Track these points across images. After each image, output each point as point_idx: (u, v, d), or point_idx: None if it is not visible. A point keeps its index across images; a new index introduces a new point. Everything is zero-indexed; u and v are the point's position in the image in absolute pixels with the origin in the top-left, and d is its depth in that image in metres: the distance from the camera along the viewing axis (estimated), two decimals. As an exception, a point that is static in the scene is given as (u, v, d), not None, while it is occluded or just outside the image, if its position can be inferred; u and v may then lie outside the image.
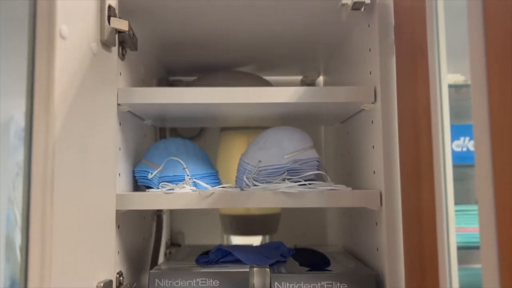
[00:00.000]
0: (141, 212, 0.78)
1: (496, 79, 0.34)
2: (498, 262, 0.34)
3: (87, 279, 0.51)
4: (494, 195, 0.34)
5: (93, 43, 0.54)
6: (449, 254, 0.45)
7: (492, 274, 0.34)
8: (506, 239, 0.33)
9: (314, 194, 0.61)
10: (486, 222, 0.35)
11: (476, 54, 0.35)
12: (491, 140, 0.34)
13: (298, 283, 0.60)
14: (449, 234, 0.45)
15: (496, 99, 0.34)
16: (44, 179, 0.44)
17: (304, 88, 0.64)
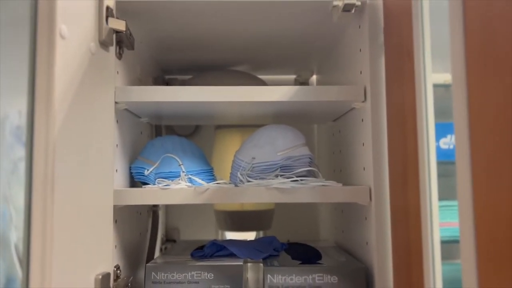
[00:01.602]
0: (137, 208, 0.79)
1: (475, 79, 0.36)
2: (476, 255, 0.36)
3: (86, 272, 0.53)
4: (472, 190, 0.36)
5: (91, 42, 0.56)
6: (433, 249, 0.47)
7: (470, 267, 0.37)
8: (483, 233, 0.35)
9: (305, 189, 0.63)
10: (465, 217, 0.37)
11: (456, 54, 0.38)
12: (469, 137, 0.36)
13: (290, 276, 0.62)
14: (433, 229, 0.47)
15: (475, 98, 0.36)
16: (45, 175, 0.46)
17: (296, 87, 0.66)
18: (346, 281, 0.62)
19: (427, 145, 0.46)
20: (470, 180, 0.36)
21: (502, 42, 0.32)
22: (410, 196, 0.52)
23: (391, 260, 0.60)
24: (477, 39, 0.36)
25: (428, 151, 0.46)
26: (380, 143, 0.62)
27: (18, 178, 0.49)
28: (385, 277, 0.61)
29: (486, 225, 0.35)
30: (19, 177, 0.48)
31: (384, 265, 0.61)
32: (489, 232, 0.35)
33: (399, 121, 0.56)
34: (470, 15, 0.37)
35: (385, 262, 0.61)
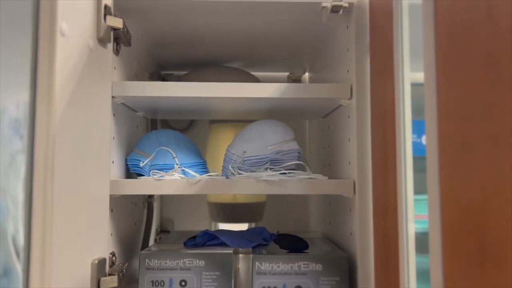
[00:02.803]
0: (132, 199, 0.82)
1: (444, 78, 0.39)
2: (442, 247, 0.39)
3: (83, 256, 0.56)
4: (439, 184, 0.39)
5: (90, 39, 0.59)
6: (407, 239, 0.50)
7: (436, 258, 0.40)
8: (449, 225, 0.38)
9: (293, 182, 0.66)
10: (433, 210, 0.40)
11: (428, 55, 0.41)
12: (438, 133, 0.39)
13: (277, 263, 0.65)
14: (407, 221, 0.50)
15: (443, 95, 0.39)
16: (46, 164, 0.49)
17: (286, 84, 0.69)
18: (330, 269, 0.65)
19: (403, 140, 0.49)
20: (438, 174, 0.39)
21: (466, 43, 0.35)
22: (389, 189, 0.56)
23: (373, 249, 0.63)
24: (446, 41, 0.39)
25: (404, 146, 0.49)
26: (364, 139, 0.65)
27: (15, 171, 0.51)
28: (367, 266, 0.64)
29: (451, 217, 0.38)
30: (16, 170, 0.50)
31: (366, 254, 0.64)
32: (453, 225, 0.38)
33: (381, 117, 0.59)
34: (440, 18, 0.40)
35: (367, 251, 0.64)
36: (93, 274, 0.56)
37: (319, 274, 0.65)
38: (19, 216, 0.49)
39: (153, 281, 0.66)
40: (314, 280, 0.65)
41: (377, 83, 0.62)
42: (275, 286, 0.65)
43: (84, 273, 0.55)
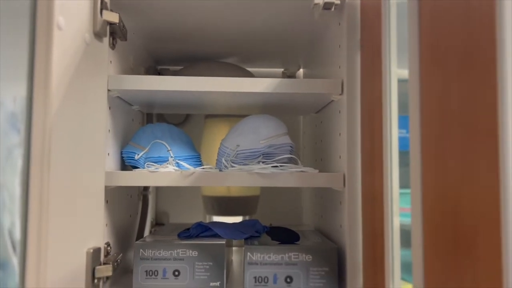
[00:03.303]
0: (127, 191, 0.84)
1: (426, 74, 0.41)
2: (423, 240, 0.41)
3: (78, 245, 0.57)
4: (421, 178, 0.41)
5: (86, 33, 0.60)
6: (392, 232, 0.52)
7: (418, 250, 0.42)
8: (429, 218, 0.40)
9: (284, 175, 0.68)
10: (415, 203, 0.42)
11: (412, 53, 0.42)
12: (420, 128, 0.41)
13: (268, 254, 0.67)
14: (392, 213, 0.52)
15: (425, 92, 0.41)
16: (42, 156, 0.50)
17: (278, 79, 0.71)
18: (320, 259, 0.67)
19: (389, 135, 0.51)
20: (420, 167, 0.41)
21: (446, 42, 0.37)
22: (376, 183, 0.57)
23: (361, 241, 0.65)
24: (429, 39, 0.41)
25: (390, 141, 0.51)
26: (354, 133, 0.67)
27: (12, 165, 0.52)
28: (355, 257, 0.66)
29: (431, 208, 0.40)
30: (13, 164, 0.51)
31: (355, 245, 0.66)
32: (433, 215, 0.40)
33: (370, 113, 0.61)
34: (424, 17, 0.41)
35: (356, 243, 0.66)
36: (88, 263, 0.58)
37: (309, 264, 0.67)
38: (16, 210, 0.50)
39: (147, 271, 0.68)
40: (304, 270, 0.66)
41: (366, 79, 0.64)
42: (266, 276, 0.66)
43: (79, 262, 0.57)
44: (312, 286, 0.66)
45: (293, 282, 0.66)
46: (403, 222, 0.54)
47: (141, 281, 0.67)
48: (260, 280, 0.66)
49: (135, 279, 0.67)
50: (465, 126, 0.33)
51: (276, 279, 0.66)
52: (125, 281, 0.73)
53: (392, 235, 0.52)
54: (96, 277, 0.60)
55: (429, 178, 0.40)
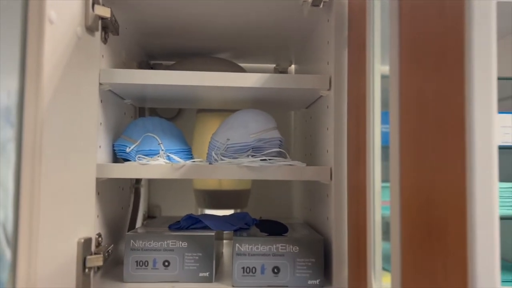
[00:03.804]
0: (119, 183, 0.85)
1: (406, 71, 0.42)
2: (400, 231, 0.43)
3: (69, 236, 0.58)
4: (400, 171, 0.43)
5: (78, 27, 0.61)
6: (374, 223, 0.54)
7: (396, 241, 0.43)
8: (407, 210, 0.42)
9: (273, 168, 0.69)
10: (394, 196, 0.43)
11: (393, 50, 0.44)
12: (399, 123, 0.42)
13: (256, 245, 0.69)
14: (374, 206, 0.53)
15: (405, 88, 0.42)
16: (34, 148, 0.51)
17: (268, 74, 0.72)
18: (306, 251, 0.68)
19: (372, 130, 0.52)
20: (399, 160, 0.43)
21: (423, 40, 0.38)
22: (361, 176, 0.59)
23: (347, 232, 0.67)
24: (408, 37, 0.42)
25: (373, 135, 0.52)
26: (341, 128, 0.69)
27: (5, 159, 0.52)
28: (341, 248, 0.68)
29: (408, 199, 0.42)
30: (6, 158, 0.52)
31: (340, 237, 0.68)
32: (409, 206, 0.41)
33: (356, 108, 0.63)
34: (404, 16, 0.43)
35: (341, 234, 0.68)
36: (79, 252, 0.59)
37: (296, 255, 0.68)
38: (9, 204, 0.51)
39: (138, 261, 0.69)
40: (291, 261, 0.68)
41: (353, 75, 0.65)
42: (254, 266, 0.68)
43: (70, 251, 0.58)
44: (299, 277, 0.68)
45: (280, 272, 0.68)
46: (386, 215, 0.55)
47: (131, 271, 0.69)
48: (248, 271, 0.68)
49: (125, 269, 0.69)
50: (439, 121, 0.34)
51: (264, 269, 0.68)
52: (116, 272, 0.75)
53: (374, 227, 0.54)
54: (87, 267, 0.61)
55: (407, 172, 0.42)
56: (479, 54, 0.29)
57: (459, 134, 0.31)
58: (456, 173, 0.31)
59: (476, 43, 0.29)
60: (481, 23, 0.29)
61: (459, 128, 0.31)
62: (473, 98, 0.29)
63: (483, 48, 0.29)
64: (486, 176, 0.29)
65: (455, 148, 0.31)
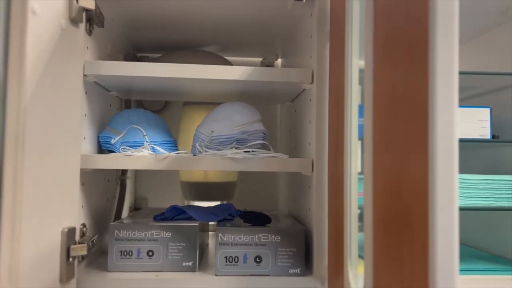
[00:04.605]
0: (105, 175, 0.86)
1: (379, 66, 0.44)
2: (372, 214, 0.44)
3: (53, 225, 0.59)
4: (373, 163, 0.44)
5: (62, 19, 0.61)
6: (350, 213, 0.55)
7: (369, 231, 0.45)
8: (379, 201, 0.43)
9: (255, 160, 0.71)
10: (367, 187, 0.45)
11: (368, 45, 0.45)
12: (373, 116, 0.44)
13: (238, 235, 0.70)
14: (351, 197, 0.55)
15: (378, 82, 0.44)
16: (16, 138, 0.52)
17: (252, 68, 0.73)
18: (287, 240, 0.70)
19: (350, 122, 0.54)
20: (372, 152, 0.44)
21: (394, 35, 0.40)
22: (341, 168, 0.60)
23: (327, 223, 0.69)
24: (381, 32, 0.43)
25: (350, 128, 0.54)
26: (323, 121, 0.70)
27: None
28: (321, 238, 0.69)
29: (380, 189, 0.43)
30: None
31: (321, 228, 0.70)
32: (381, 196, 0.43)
33: (337, 101, 0.64)
34: (379, 13, 0.44)
35: (322, 225, 0.70)
36: (62, 242, 0.60)
37: (278, 245, 0.70)
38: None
39: (122, 251, 0.70)
40: (272, 250, 0.70)
41: (334, 69, 0.67)
42: (236, 255, 0.70)
43: (54, 241, 0.59)
44: (280, 266, 0.70)
45: (262, 261, 0.70)
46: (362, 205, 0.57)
47: (115, 261, 0.70)
48: (230, 260, 0.69)
49: (110, 259, 0.70)
50: (407, 114, 0.36)
51: (246, 258, 0.70)
52: (101, 262, 0.76)
53: (350, 217, 0.55)
54: (71, 256, 0.62)
55: (379, 163, 0.43)
56: (441, 50, 0.30)
57: (424, 127, 0.32)
58: (421, 164, 0.32)
59: (439, 39, 0.30)
60: (444, 21, 0.30)
61: (423, 120, 0.32)
62: (435, 92, 0.30)
63: (446, 44, 0.31)
64: (447, 167, 0.30)
65: (420, 140, 0.33)
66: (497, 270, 0.74)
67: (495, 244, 0.86)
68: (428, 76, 0.31)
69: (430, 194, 0.31)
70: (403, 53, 0.37)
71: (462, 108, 0.79)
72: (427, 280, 0.31)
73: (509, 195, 0.74)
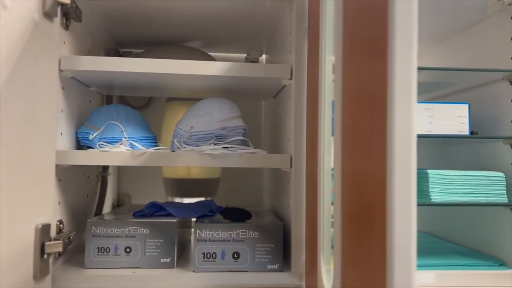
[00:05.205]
0: (84, 171, 0.85)
1: (348, 61, 0.44)
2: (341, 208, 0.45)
3: (26, 221, 0.59)
4: (342, 155, 0.44)
5: (35, 13, 0.60)
6: (323, 208, 0.55)
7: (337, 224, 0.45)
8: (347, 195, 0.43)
9: (234, 156, 0.71)
10: (337, 178, 0.45)
11: (338, 42, 0.45)
12: (342, 110, 0.44)
13: (216, 231, 0.70)
14: (324, 192, 0.55)
15: (347, 77, 0.44)
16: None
17: (231, 63, 0.73)
18: (266, 236, 0.70)
19: (323, 118, 0.54)
20: (341, 146, 0.44)
21: (360, 32, 0.40)
22: (315, 164, 0.61)
23: (305, 218, 0.69)
24: (350, 29, 0.43)
25: (324, 124, 0.54)
26: (301, 117, 0.70)
27: None
28: (299, 234, 0.70)
29: (348, 184, 0.43)
30: None
31: (299, 223, 0.70)
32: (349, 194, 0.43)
33: (314, 97, 0.64)
34: (347, 10, 0.44)
35: (300, 220, 0.70)
36: (36, 238, 0.60)
37: (256, 241, 0.70)
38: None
39: (99, 248, 0.70)
40: (251, 246, 0.70)
41: (311, 64, 0.66)
42: (214, 252, 0.69)
43: (28, 237, 0.59)
44: (258, 261, 0.70)
45: (240, 257, 0.70)
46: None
47: (93, 257, 0.70)
48: (208, 256, 0.69)
49: (87, 255, 0.69)
50: (370, 109, 0.36)
51: (224, 255, 0.70)
52: (79, 258, 0.75)
53: (323, 213, 0.56)
54: (46, 253, 0.61)
55: (347, 158, 0.43)
56: (400, 45, 0.30)
57: (383, 121, 0.32)
58: (380, 159, 0.32)
59: (397, 35, 0.30)
60: (402, 16, 0.30)
61: (383, 115, 0.32)
62: (393, 87, 0.30)
63: (404, 40, 0.31)
64: (404, 163, 0.30)
65: (380, 135, 0.33)
66: (475, 265, 0.75)
67: (474, 240, 0.87)
68: (387, 71, 0.31)
69: (388, 189, 0.31)
70: (367, 49, 0.37)
71: (441, 104, 0.80)
72: (385, 276, 0.31)
73: (486, 191, 0.75)
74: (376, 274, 0.34)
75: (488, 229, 0.83)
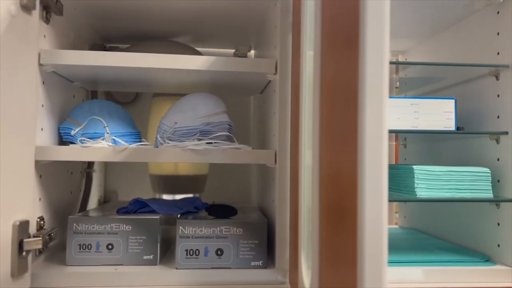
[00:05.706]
0: (67, 167, 0.84)
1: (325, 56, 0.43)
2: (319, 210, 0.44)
3: (4, 218, 0.58)
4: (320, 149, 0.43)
5: (12, 6, 0.59)
6: (304, 205, 0.55)
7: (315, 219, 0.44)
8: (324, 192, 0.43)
9: (218, 151, 0.70)
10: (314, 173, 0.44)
11: (316, 37, 0.44)
12: (320, 104, 0.43)
13: (200, 228, 0.69)
14: (304, 189, 0.54)
15: (324, 71, 0.43)
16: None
17: (215, 57, 0.72)
18: (250, 233, 0.69)
19: (304, 114, 0.53)
20: (318, 143, 0.44)
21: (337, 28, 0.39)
22: (297, 159, 0.60)
23: (289, 214, 0.68)
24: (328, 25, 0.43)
25: (304, 119, 0.53)
26: (285, 112, 0.69)
27: None
28: (284, 230, 0.69)
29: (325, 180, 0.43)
30: None
31: (283, 220, 0.69)
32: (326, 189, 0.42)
33: (296, 92, 0.63)
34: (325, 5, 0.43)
35: (285, 217, 0.69)
36: (14, 235, 0.59)
37: (239, 237, 0.69)
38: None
39: (80, 245, 0.69)
40: (234, 243, 0.69)
41: (295, 59, 0.66)
42: (197, 249, 0.69)
43: (5, 234, 0.57)
44: (242, 258, 0.69)
45: (224, 254, 0.69)
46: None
47: (74, 254, 0.69)
48: (191, 253, 0.69)
49: (68, 253, 0.68)
50: (344, 103, 0.35)
51: (207, 251, 0.69)
52: (61, 256, 0.74)
53: (304, 209, 0.55)
54: (25, 250, 0.60)
55: (325, 153, 0.43)
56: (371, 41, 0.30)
57: (355, 116, 0.31)
58: (352, 155, 0.32)
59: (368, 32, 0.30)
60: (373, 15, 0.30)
61: (355, 110, 0.31)
62: (364, 81, 0.30)
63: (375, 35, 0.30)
64: (375, 158, 0.30)
65: (352, 130, 0.32)
66: (461, 261, 0.75)
67: (460, 236, 0.87)
68: (358, 65, 0.30)
69: (359, 185, 0.30)
70: (342, 45, 0.36)
71: (426, 99, 0.79)
72: (356, 272, 0.30)
73: (472, 187, 0.74)
74: (350, 271, 0.33)
75: (474, 225, 0.83)
